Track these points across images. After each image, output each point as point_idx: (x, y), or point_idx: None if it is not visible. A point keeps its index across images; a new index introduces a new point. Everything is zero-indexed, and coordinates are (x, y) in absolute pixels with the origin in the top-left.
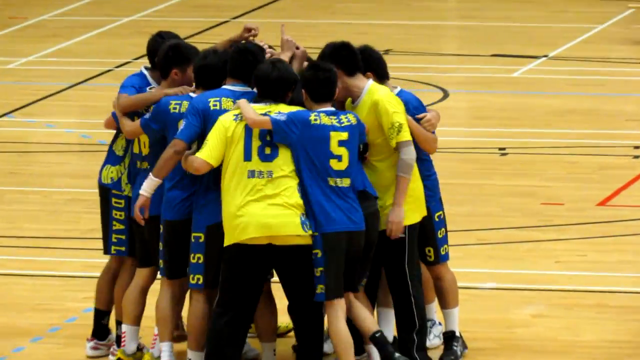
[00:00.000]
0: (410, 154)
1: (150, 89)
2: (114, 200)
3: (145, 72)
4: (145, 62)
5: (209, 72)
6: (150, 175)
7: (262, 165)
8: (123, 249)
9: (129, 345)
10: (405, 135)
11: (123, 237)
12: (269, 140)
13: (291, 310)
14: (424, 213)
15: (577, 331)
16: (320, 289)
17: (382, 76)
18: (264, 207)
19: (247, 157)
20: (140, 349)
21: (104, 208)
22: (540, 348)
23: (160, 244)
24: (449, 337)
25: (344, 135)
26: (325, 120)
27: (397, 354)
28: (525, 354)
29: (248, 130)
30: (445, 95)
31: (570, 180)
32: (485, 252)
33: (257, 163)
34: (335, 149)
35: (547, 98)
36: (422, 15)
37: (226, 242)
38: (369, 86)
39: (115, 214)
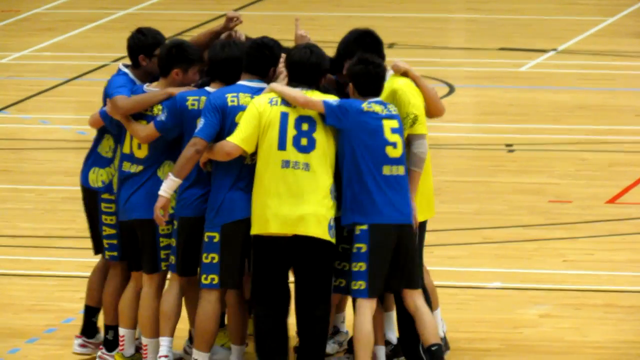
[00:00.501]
0: (422, 147)
1: (147, 87)
2: (103, 205)
3: (126, 70)
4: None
5: (229, 64)
6: (171, 176)
7: (298, 156)
8: (115, 254)
9: (127, 349)
10: (419, 129)
11: (114, 242)
12: (306, 131)
13: (299, 306)
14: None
15: (585, 331)
16: (358, 285)
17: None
18: (296, 204)
19: (282, 146)
20: (138, 350)
21: (92, 212)
22: (547, 349)
23: (174, 240)
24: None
25: (396, 123)
26: (377, 108)
27: None
28: (531, 355)
29: (284, 117)
30: (451, 90)
31: (579, 177)
32: (491, 250)
33: (293, 153)
34: (389, 136)
35: (556, 93)
36: (428, 7)
37: (253, 231)
38: (389, 75)
39: (106, 219)
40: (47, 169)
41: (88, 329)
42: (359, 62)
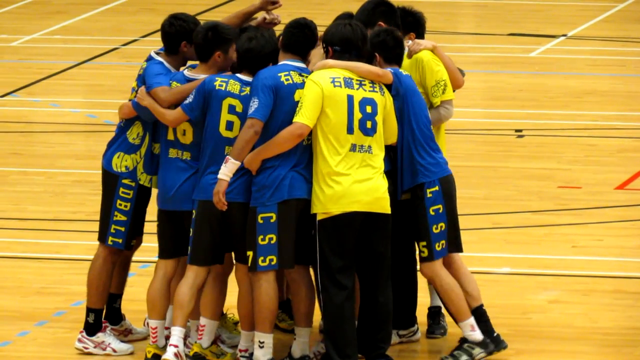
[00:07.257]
0: (451, 111)
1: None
2: (121, 190)
3: (159, 57)
4: (153, 42)
5: (257, 56)
6: (231, 159)
7: (363, 139)
8: (120, 241)
9: (160, 339)
10: (450, 94)
11: (122, 229)
12: (370, 114)
13: (365, 286)
14: None
15: (593, 317)
16: (441, 245)
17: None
18: (367, 184)
19: (350, 130)
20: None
21: (108, 196)
22: (556, 334)
23: (190, 229)
24: (436, 312)
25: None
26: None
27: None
28: (540, 340)
29: (350, 100)
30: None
31: (588, 163)
32: (500, 236)
33: (359, 137)
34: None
35: (565, 78)
36: None
37: (323, 210)
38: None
39: (120, 204)
40: (56, 152)
41: (112, 316)
42: (382, 33)
